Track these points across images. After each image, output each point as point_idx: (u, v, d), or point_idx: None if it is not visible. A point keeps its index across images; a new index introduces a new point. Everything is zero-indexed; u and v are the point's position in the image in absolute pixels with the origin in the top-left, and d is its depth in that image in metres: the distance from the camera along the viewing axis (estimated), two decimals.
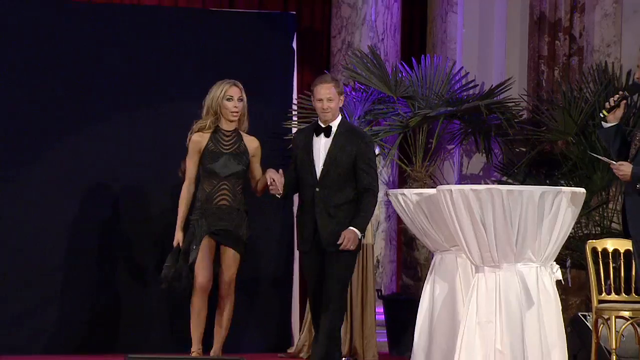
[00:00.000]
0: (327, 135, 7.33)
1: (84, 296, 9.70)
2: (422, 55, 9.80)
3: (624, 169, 6.90)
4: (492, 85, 9.88)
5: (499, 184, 9.21)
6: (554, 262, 7.58)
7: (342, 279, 7.35)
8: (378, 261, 10.26)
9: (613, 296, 8.16)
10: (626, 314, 7.82)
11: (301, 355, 9.46)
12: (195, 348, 7.56)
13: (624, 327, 7.87)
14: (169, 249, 8.06)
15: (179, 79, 9.88)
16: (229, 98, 7.46)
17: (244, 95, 7.53)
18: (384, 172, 10.03)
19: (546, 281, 7.49)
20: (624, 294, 8.17)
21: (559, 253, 7.82)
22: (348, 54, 10.02)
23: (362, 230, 7.31)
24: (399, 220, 9.71)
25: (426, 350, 7.65)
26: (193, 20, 10.13)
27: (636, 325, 8.00)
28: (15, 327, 9.62)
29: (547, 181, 9.52)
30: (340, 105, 7.40)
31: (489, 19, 10.18)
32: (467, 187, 7.54)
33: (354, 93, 9.65)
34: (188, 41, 9.94)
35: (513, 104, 9.91)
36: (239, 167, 7.50)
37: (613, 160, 7.00)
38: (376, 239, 10.12)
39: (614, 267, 8.12)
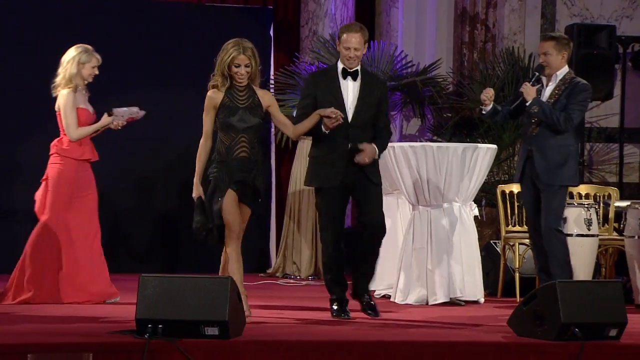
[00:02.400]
0: (355, 79, 6.42)
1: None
2: (372, 41, 9.84)
3: (530, 91, 6.79)
4: (425, 65, 9.95)
5: (431, 142, 9.29)
6: (473, 202, 7.74)
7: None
8: None
9: (517, 227, 8.29)
10: (527, 241, 7.92)
11: (277, 275, 9.53)
12: (244, 291, 6.34)
13: (525, 251, 8.02)
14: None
15: (173, 67, 9.79)
16: (236, 65, 6.22)
17: (253, 60, 6.22)
18: None
19: (466, 216, 7.65)
20: (525, 226, 8.33)
21: (477, 195, 7.98)
22: (314, 40, 10.05)
23: (381, 150, 6.47)
24: None
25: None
26: (188, 13, 10.04)
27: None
28: None
29: (468, 139, 9.57)
30: (364, 52, 6.48)
31: (423, 13, 10.23)
32: (406, 144, 7.70)
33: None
34: (180, 32, 9.87)
35: (442, 79, 10.00)
36: (255, 120, 6.28)
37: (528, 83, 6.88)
38: None
39: (518, 206, 8.26)
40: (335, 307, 6.59)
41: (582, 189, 8.76)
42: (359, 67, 6.43)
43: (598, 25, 10.03)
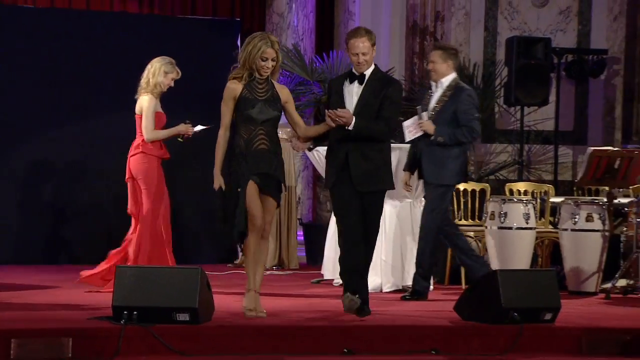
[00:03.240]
0: (361, 83, 5.91)
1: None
2: (330, 51, 9.87)
3: (427, 126, 6.77)
4: None
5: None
6: (423, 198, 7.75)
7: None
8: (299, 198, 10.35)
9: (463, 221, 8.34)
10: (471, 233, 8.02)
11: (243, 265, 9.45)
12: (252, 286, 5.91)
13: (470, 243, 8.05)
14: None
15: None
16: (264, 58, 5.72)
17: (279, 54, 5.80)
18: None
19: (417, 211, 7.65)
20: (470, 220, 8.38)
21: None
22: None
23: (357, 126, 5.79)
24: (314, 168, 9.80)
25: (332, 261, 7.60)
26: (161, 25, 9.91)
27: (478, 241, 8.19)
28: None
29: None
30: (374, 55, 5.97)
31: (378, 25, 10.22)
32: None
33: (282, 78, 9.65)
34: (154, 44, 9.51)
35: None
36: (274, 113, 5.79)
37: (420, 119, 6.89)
38: (298, 182, 10.21)
39: (464, 202, 8.30)
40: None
41: (521, 186, 8.82)
42: (369, 70, 5.95)
43: (535, 37, 10.11)
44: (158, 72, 7.30)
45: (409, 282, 7.38)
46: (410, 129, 7.08)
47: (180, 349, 5.35)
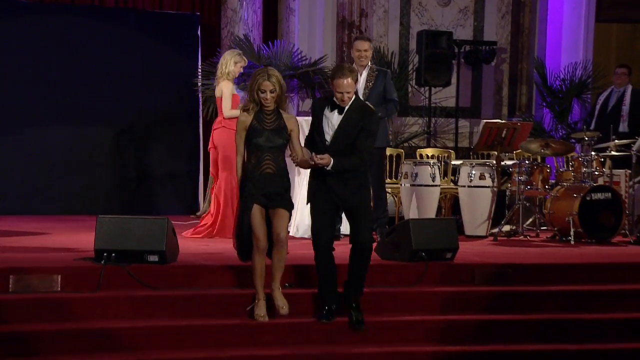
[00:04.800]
0: (340, 113, 5.16)
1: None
2: (275, 40, 9.78)
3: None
4: (315, 59, 9.89)
5: None
6: None
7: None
8: None
9: (387, 180, 8.32)
10: (389, 190, 7.97)
11: (203, 216, 9.37)
12: (261, 297, 5.25)
13: (389, 197, 8.03)
14: None
15: (115, 68, 9.51)
16: (262, 90, 5.14)
17: (277, 86, 5.15)
18: None
19: None
20: (388, 179, 8.29)
21: None
22: (231, 39, 9.93)
23: (336, 165, 5.09)
24: None
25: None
26: (127, 18, 9.68)
27: (394, 196, 8.23)
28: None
29: None
30: (355, 89, 5.19)
31: (314, 20, 10.15)
32: (300, 118, 7.60)
33: None
34: (121, 36, 9.56)
35: (327, 69, 9.91)
36: (280, 141, 5.17)
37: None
38: None
39: (388, 163, 8.32)
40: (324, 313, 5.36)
41: (429, 151, 8.88)
42: (349, 103, 5.17)
43: (440, 31, 10.14)
44: (229, 63, 7.36)
45: (342, 230, 7.34)
46: None
47: (150, 284, 5.34)
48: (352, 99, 5.18)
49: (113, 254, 5.42)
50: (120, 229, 5.52)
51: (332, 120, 5.18)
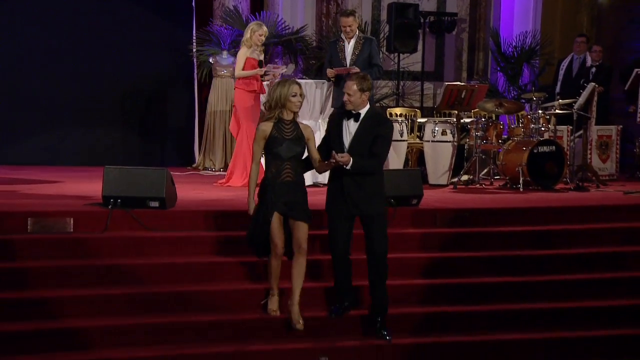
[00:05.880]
0: (356, 121, 4.84)
1: None
2: (262, 11, 9.64)
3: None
4: (297, 28, 9.78)
5: (301, 79, 9.18)
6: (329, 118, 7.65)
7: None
8: None
9: None
10: None
11: (199, 167, 9.36)
12: (275, 292, 4.93)
13: None
14: None
15: (120, 31, 9.38)
16: (294, 95, 4.77)
17: (303, 90, 4.89)
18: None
19: (322, 127, 7.56)
20: None
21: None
22: (222, 10, 9.77)
23: (355, 166, 4.73)
24: None
25: None
26: None
27: None
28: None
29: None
30: (364, 99, 4.87)
31: None
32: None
33: (225, 30, 9.45)
34: (118, 5, 9.42)
35: (308, 38, 9.85)
36: (298, 149, 4.79)
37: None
38: None
39: None
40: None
41: (398, 110, 8.83)
42: (363, 111, 4.86)
43: (408, 3, 9.97)
44: (248, 31, 7.34)
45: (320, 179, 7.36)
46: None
47: (151, 227, 5.32)
48: (367, 107, 4.85)
49: (119, 200, 5.38)
50: (125, 178, 5.48)
51: (350, 128, 4.83)
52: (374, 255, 4.81)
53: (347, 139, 4.83)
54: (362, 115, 4.85)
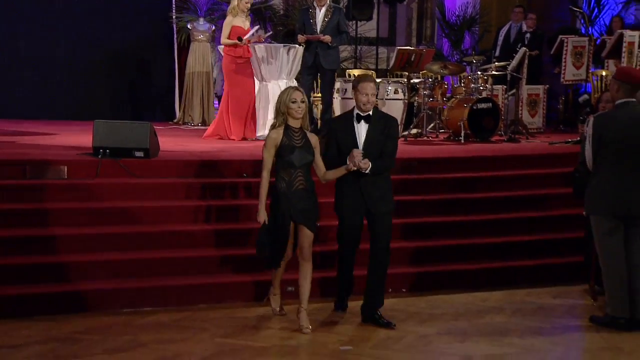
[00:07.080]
0: (367, 122, 4.36)
1: None
2: None
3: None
4: None
5: (270, 44, 9.00)
6: (294, 79, 7.55)
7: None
8: (215, 79, 9.97)
9: (319, 94, 8.17)
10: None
11: (179, 122, 9.17)
12: (277, 292, 4.54)
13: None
14: None
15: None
16: (293, 101, 4.24)
17: (305, 98, 4.33)
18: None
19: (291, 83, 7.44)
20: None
21: (297, 74, 7.76)
22: None
23: (375, 169, 4.30)
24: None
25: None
26: None
27: None
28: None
29: (291, 42, 9.35)
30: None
31: None
32: (256, 45, 7.38)
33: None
34: None
35: (276, 6, 9.65)
36: (309, 158, 4.27)
37: None
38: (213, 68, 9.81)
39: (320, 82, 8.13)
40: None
41: (356, 72, 8.71)
42: (371, 112, 4.39)
43: None
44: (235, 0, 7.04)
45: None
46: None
47: (137, 174, 5.23)
48: (373, 107, 4.39)
49: (107, 150, 5.29)
50: (113, 131, 5.37)
51: (361, 130, 4.35)
52: (381, 248, 4.37)
53: (361, 142, 4.34)
54: (370, 116, 4.36)
